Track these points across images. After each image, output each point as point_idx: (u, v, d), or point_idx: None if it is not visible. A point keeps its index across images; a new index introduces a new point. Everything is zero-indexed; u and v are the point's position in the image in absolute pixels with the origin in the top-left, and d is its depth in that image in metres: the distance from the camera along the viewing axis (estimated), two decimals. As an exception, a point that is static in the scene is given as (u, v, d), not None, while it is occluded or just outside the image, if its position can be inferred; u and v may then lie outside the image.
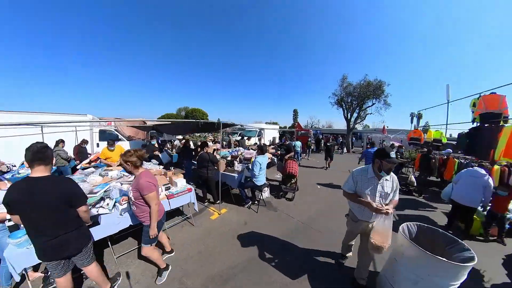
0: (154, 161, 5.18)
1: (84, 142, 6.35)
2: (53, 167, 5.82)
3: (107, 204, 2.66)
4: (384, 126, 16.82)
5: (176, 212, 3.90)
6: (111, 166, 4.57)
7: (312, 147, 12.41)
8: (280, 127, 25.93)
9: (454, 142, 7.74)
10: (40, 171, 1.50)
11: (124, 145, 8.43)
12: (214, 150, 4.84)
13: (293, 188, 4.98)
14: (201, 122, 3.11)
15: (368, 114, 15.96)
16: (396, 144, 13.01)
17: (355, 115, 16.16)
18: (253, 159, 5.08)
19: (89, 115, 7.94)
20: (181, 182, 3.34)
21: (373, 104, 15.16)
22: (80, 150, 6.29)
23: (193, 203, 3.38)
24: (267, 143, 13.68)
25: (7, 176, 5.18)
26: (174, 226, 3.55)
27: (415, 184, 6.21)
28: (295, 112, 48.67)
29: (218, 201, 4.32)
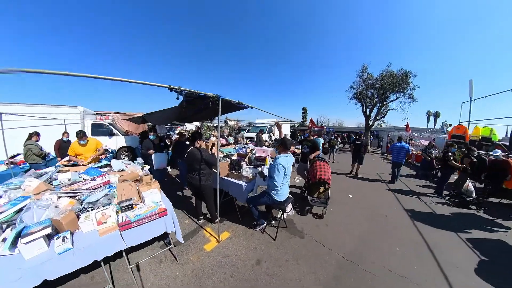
0: (138, 160, 3.85)
1: (66, 135, 5.20)
2: (25, 164, 4.78)
3: (2, 240, 1.37)
4: (407, 124, 14.76)
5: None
6: (80, 166, 3.34)
7: (336, 146, 10.46)
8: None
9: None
10: None
11: (119, 141, 7.42)
12: (213, 145, 3.36)
13: (324, 201, 3.53)
14: (184, 93, 1.73)
15: (389, 110, 13.95)
16: (425, 142, 11.16)
17: (375, 111, 14.20)
18: (268, 160, 3.67)
19: (80, 107, 6.87)
20: (152, 196, 1.98)
21: (397, 98, 13.12)
22: (62, 146, 5.15)
23: (172, 232, 1.99)
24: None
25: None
26: (147, 260, 2.22)
27: (473, 194, 4.60)
28: (304, 110, 46.52)
29: (217, 220, 2.97)
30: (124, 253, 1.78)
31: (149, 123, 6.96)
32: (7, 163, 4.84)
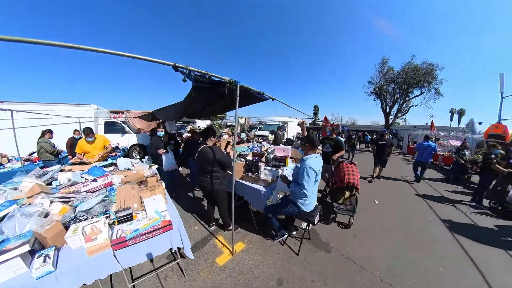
0: (146, 158, 3.59)
1: (77, 133, 5.15)
2: (39, 161, 4.75)
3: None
4: (432, 122, 13.52)
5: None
6: (86, 164, 3.14)
7: (357, 146, 9.66)
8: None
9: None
10: None
11: (131, 139, 7.37)
12: (228, 143, 2.96)
13: (352, 208, 3.05)
14: (193, 74, 1.36)
15: (411, 106, 12.83)
16: (455, 143, 10.04)
17: (395, 107, 13.15)
18: (289, 161, 3.20)
19: (94, 105, 6.87)
20: (155, 204, 1.64)
21: (422, 93, 12.01)
22: (74, 143, 5.08)
23: (179, 248, 1.60)
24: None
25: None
26: (150, 277, 1.91)
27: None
28: (316, 108, 45.20)
29: (231, 228, 2.62)
30: (123, 270, 1.47)
31: (159, 120, 6.80)
32: (24, 160, 4.89)
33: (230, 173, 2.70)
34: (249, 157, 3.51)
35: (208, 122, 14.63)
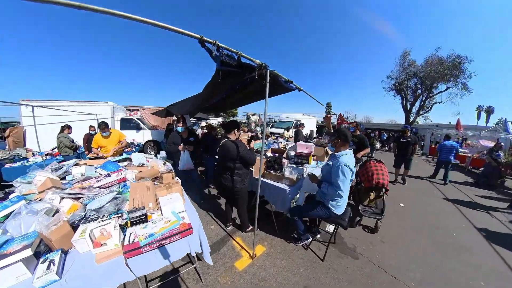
0: (161, 153, 3.43)
1: (92, 128, 5.22)
2: (59, 156, 4.84)
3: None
4: (459, 120, 12.38)
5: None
6: (102, 159, 3.07)
7: (377, 145, 9.00)
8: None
9: None
10: None
11: (146, 135, 7.42)
12: (252, 139, 2.65)
13: (379, 211, 2.72)
14: (223, 51, 1.14)
15: (435, 103, 11.78)
16: (487, 143, 9.04)
17: (417, 104, 12.18)
18: (312, 160, 2.94)
19: (110, 102, 6.98)
20: (172, 204, 1.44)
21: (447, 88, 11.00)
22: (90, 139, 5.16)
23: (199, 253, 1.40)
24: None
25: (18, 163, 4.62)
26: (165, 278, 1.74)
27: None
28: (329, 106, 43.69)
29: (249, 229, 2.40)
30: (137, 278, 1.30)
31: (176, 116, 6.74)
32: (46, 154, 5.03)
33: (253, 170, 2.50)
34: (269, 153, 3.27)
35: (219, 119, 14.53)
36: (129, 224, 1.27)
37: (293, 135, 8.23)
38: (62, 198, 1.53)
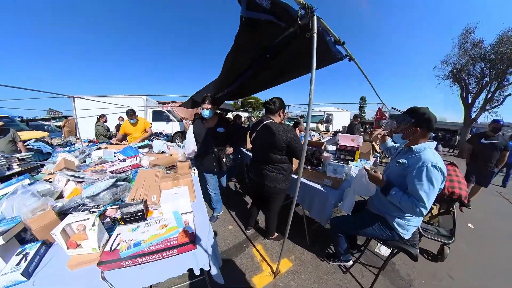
0: (182, 144, 3.28)
1: (120, 118, 5.66)
2: (96, 143, 5.28)
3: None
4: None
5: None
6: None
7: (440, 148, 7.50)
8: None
9: None
10: None
11: (175, 126, 7.74)
12: (297, 125, 2.21)
13: (446, 232, 1.99)
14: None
15: (508, 95, 9.06)
16: None
17: (482, 96, 9.55)
18: (362, 163, 2.32)
19: (144, 96, 7.44)
20: (177, 202, 1.10)
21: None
22: (117, 128, 5.64)
23: (206, 271, 0.96)
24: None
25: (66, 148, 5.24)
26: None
27: None
28: (362, 100, 39.50)
29: (274, 237, 2.00)
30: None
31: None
32: (89, 142, 5.58)
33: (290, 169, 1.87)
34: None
35: (246, 114, 14.33)
36: (122, 222, 1.01)
37: (326, 129, 7.36)
38: (68, 180, 1.39)
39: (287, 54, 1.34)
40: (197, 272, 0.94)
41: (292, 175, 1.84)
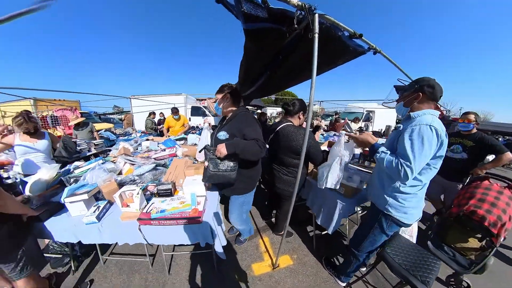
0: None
1: (161, 114, 6.74)
2: (146, 133, 6.44)
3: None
4: None
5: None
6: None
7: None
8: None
9: None
10: None
11: (210, 121, 8.65)
12: (317, 129, 2.30)
13: (467, 264, 1.59)
14: None
15: None
16: None
17: None
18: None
19: (184, 94, 8.58)
20: (194, 186, 1.44)
21: None
22: (160, 122, 6.73)
23: (211, 245, 1.37)
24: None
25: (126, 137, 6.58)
26: (185, 254, 1.91)
27: None
28: None
29: (282, 233, 2.11)
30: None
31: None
32: (142, 132, 6.88)
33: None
34: (324, 147, 2.67)
35: (279, 109, 14.38)
36: (156, 195, 1.43)
37: (363, 128, 6.72)
38: (125, 163, 1.94)
39: (299, 53, 1.36)
40: (202, 244, 1.27)
41: (307, 178, 1.97)
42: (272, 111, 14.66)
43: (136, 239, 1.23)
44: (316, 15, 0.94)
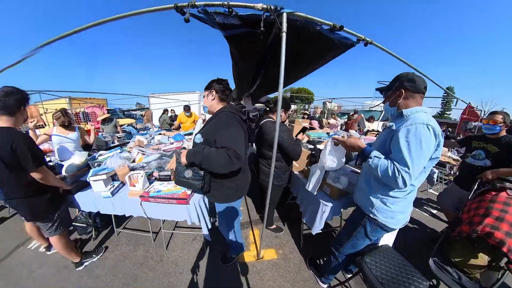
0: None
1: (172, 111, 7.26)
2: (161, 128, 7.03)
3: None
4: None
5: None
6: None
7: None
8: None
9: None
10: (2, 122, 1.26)
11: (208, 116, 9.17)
12: (304, 130, 2.35)
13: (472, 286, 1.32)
14: (202, 9, 0.98)
15: None
16: None
17: None
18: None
19: (198, 91, 9.18)
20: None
21: None
22: (172, 118, 7.22)
23: (197, 225, 1.61)
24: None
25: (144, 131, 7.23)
26: (182, 232, 2.23)
27: None
28: (450, 91, 29.98)
29: (272, 227, 2.32)
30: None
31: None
32: (158, 127, 7.51)
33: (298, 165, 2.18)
34: (322, 146, 2.49)
35: (294, 107, 14.42)
36: (158, 179, 1.76)
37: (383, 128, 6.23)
38: (138, 152, 2.33)
39: (287, 51, 1.29)
40: (189, 222, 1.57)
41: (297, 173, 2.13)
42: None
43: (139, 213, 1.57)
44: (284, 14, 1.03)
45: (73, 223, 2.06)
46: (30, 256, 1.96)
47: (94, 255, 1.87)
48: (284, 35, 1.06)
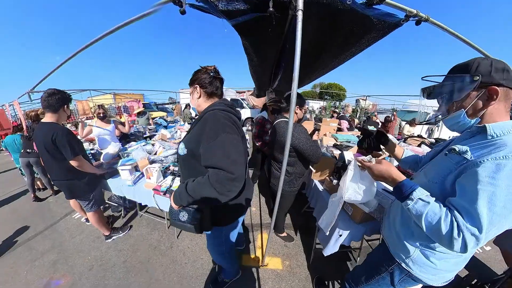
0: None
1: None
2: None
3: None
4: None
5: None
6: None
7: None
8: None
9: None
10: (47, 118, 1.59)
11: (246, 112, 9.37)
12: (315, 131, 2.26)
13: None
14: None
15: None
16: None
17: None
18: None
19: (230, 89, 9.51)
20: None
21: None
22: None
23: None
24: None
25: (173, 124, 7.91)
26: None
27: None
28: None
29: (282, 235, 2.22)
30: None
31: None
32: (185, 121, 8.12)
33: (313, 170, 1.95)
34: (350, 153, 2.04)
35: (322, 103, 13.77)
36: (173, 174, 1.98)
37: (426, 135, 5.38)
38: (160, 146, 2.63)
39: (308, 37, 1.18)
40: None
41: (316, 181, 1.95)
42: (313, 105, 13.81)
43: (152, 203, 1.81)
44: None
45: (108, 201, 2.50)
46: (73, 224, 2.52)
47: (120, 232, 2.26)
48: (300, 14, 0.82)
